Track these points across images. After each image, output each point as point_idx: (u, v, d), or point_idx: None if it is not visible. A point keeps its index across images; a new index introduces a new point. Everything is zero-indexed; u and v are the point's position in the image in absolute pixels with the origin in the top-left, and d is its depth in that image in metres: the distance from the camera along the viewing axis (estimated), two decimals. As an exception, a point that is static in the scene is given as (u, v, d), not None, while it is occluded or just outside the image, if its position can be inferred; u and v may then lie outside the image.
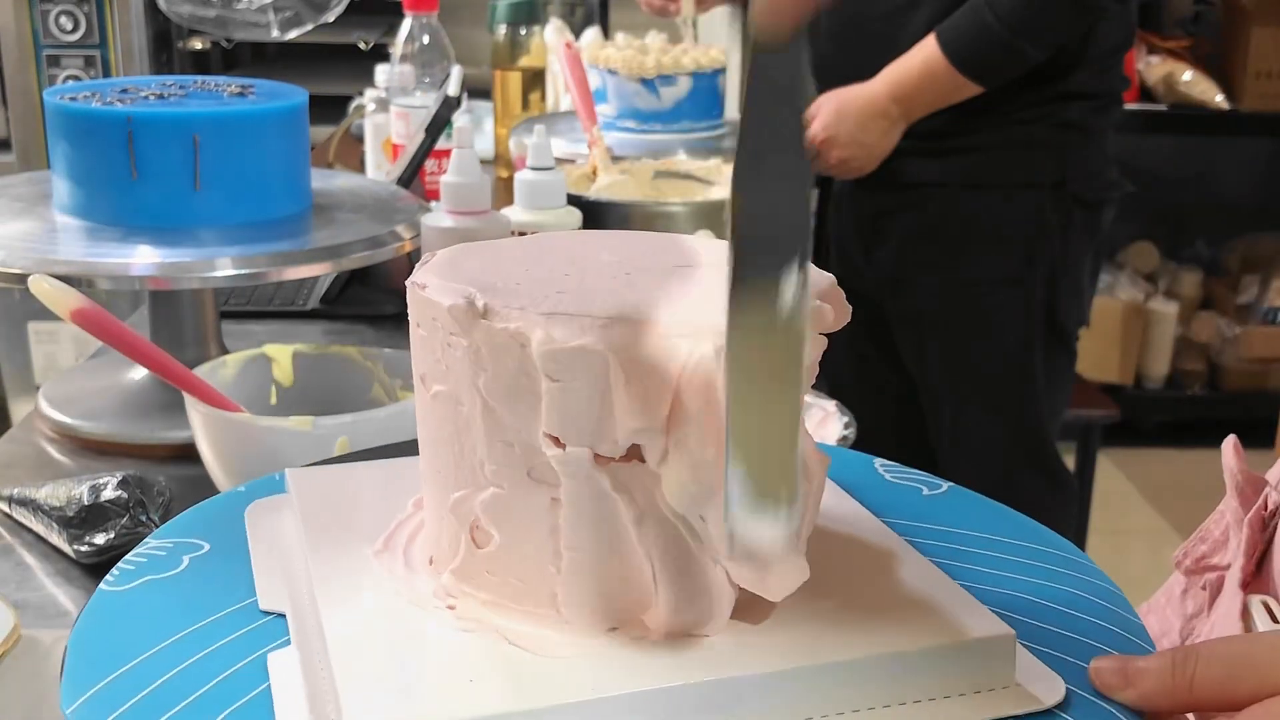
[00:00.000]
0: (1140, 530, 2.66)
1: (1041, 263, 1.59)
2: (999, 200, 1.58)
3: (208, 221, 0.96)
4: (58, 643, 0.67)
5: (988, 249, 1.59)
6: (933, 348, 1.66)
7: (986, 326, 1.62)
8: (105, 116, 0.94)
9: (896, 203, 1.63)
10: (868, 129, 1.55)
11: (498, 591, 0.44)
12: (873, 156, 1.58)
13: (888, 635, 0.42)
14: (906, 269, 1.64)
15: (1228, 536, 0.59)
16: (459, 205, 1.00)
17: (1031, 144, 1.56)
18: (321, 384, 0.84)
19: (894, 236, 1.64)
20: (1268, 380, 3.02)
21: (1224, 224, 3.19)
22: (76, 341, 2.38)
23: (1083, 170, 1.58)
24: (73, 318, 0.72)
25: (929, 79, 1.52)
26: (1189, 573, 0.62)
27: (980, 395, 1.65)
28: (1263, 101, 2.83)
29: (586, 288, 0.43)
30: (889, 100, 1.54)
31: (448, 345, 0.43)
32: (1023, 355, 1.62)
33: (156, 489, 0.77)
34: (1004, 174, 1.57)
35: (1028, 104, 1.55)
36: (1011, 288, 1.59)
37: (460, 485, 0.44)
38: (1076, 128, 1.57)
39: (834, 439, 0.87)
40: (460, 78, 1.22)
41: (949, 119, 1.55)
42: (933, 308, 1.64)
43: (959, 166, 1.58)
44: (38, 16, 2.36)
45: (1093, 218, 1.61)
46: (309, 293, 1.29)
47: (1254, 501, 0.57)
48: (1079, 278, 1.63)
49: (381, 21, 2.54)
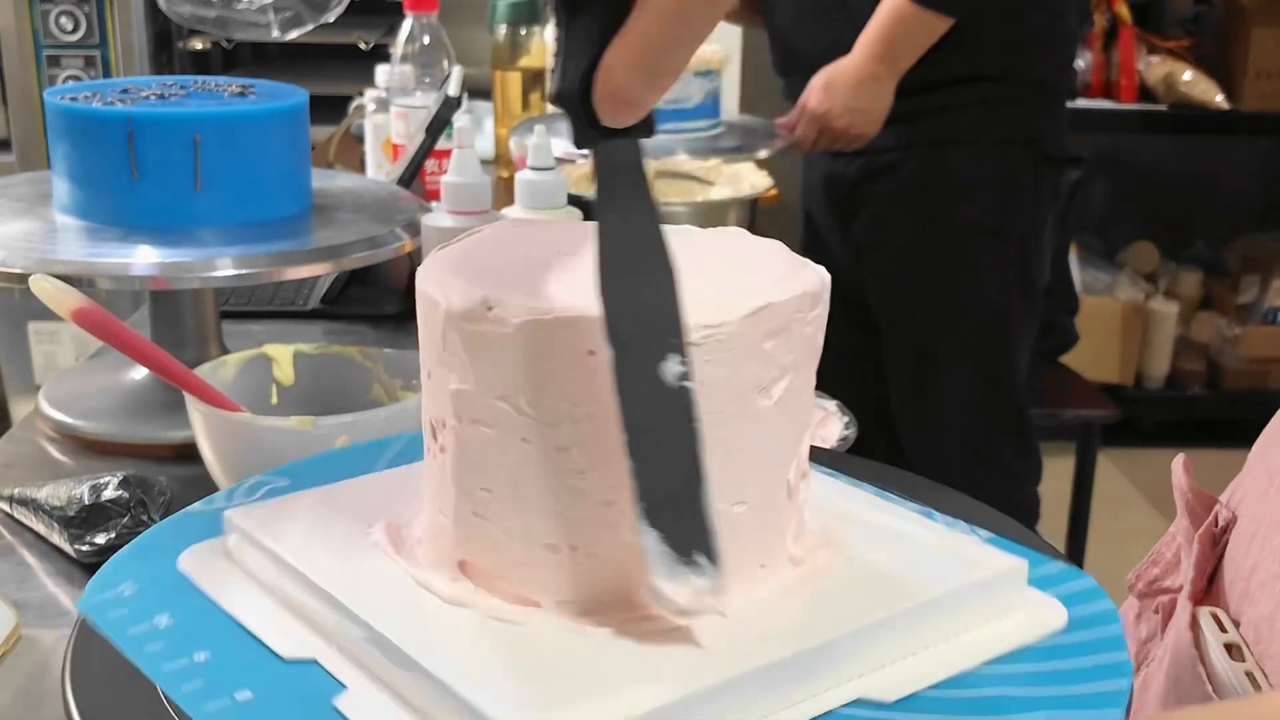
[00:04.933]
0: (1140, 530, 2.66)
1: (1014, 217, 1.65)
2: (973, 156, 1.64)
3: (208, 221, 0.96)
4: (58, 643, 0.67)
5: (965, 200, 1.65)
6: (910, 304, 1.70)
7: (967, 274, 1.68)
8: (105, 116, 0.94)
9: (875, 167, 1.67)
10: (859, 94, 1.60)
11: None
12: (871, 119, 1.62)
13: (915, 587, 0.45)
14: (886, 226, 1.68)
15: (1179, 559, 0.59)
16: (459, 205, 1.00)
17: (1005, 101, 1.63)
18: (321, 384, 0.83)
19: (872, 201, 1.68)
20: (1268, 380, 3.02)
21: (1224, 224, 3.19)
22: (76, 341, 2.38)
23: (1051, 129, 1.66)
24: (73, 318, 0.72)
25: (900, 25, 1.57)
26: (1142, 596, 0.62)
27: (958, 350, 1.70)
28: (1263, 101, 2.83)
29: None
30: (872, 62, 1.59)
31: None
32: (1000, 304, 1.68)
33: (157, 489, 0.77)
34: (978, 131, 1.64)
35: (993, 56, 1.61)
36: (989, 237, 1.65)
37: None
38: (1042, 86, 1.65)
39: (834, 439, 0.87)
40: (460, 78, 1.22)
41: (922, 79, 1.59)
42: (910, 263, 1.69)
43: (933, 127, 1.64)
44: (38, 16, 2.36)
45: (1057, 177, 1.68)
46: (309, 293, 1.29)
47: (1204, 519, 0.57)
48: (1042, 235, 1.69)
49: (381, 21, 2.54)
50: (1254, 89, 2.83)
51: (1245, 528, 0.55)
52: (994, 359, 1.70)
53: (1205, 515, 0.57)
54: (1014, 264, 1.67)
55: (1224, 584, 0.55)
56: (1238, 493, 0.59)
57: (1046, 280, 1.73)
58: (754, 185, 1.35)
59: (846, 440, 0.87)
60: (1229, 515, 0.57)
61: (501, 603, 0.44)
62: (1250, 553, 0.53)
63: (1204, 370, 3.08)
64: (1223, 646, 0.51)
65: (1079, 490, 2.16)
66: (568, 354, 0.42)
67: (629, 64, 0.36)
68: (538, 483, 0.43)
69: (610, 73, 0.36)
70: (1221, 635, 0.52)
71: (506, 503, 0.44)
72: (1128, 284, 3.03)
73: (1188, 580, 0.56)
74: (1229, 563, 0.55)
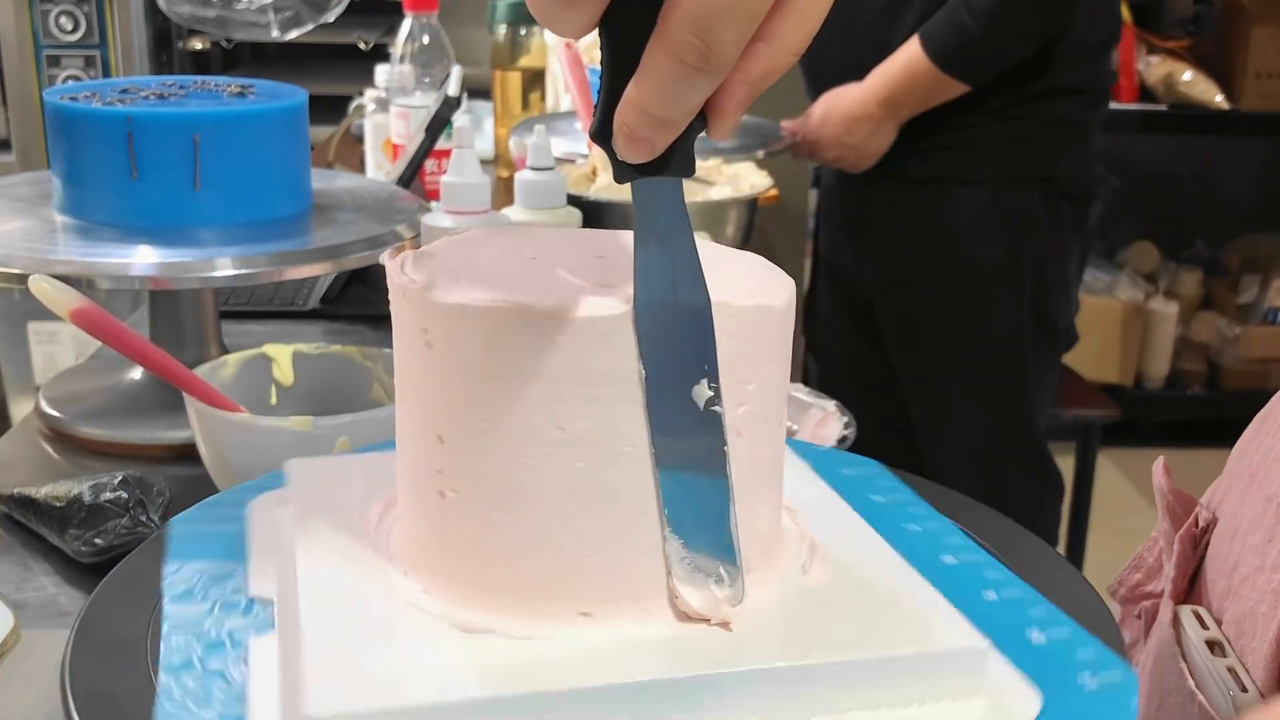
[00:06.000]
0: (1140, 530, 2.64)
1: (1031, 257, 1.60)
2: (988, 195, 1.59)
3: (208, 221, 0.96)
4: (58, 643, 0.67)
5: (978, 243, 1.60)
6: (923, 342, 1.67)
7: (977, 320, 1.63)
8: (105, 116, 0.93)
9: (886, 199, 1.64)
10: (853, 131, 1.57)
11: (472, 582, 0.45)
12: (862, 156, 1.59)
13: (861, 638, 0.43)
14: (896, 264, 1.65)
15: (1161, 563, 0.60)
16: (459, 205, 1.00)
17: (1022, 140, 1.57)
18: (321, 384, 0.84)
19: (883, 233, 1.65)
20: (1268, 380, 3.02)
21: (1224, 224, 3.19)
22: (76, 341, 2.38)
23: (1071, 166, 1.60)
24: (73, 318, 0.72)
25: (913, 79, 1.53)
26: (1124, 601, 0.62)
27: (971, 389, 1.66)
28: (1263, 101, 2.83)
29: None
30: (875, 103, 1.55)
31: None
32: (1013, 350, 1.63)
33: (156, 489, 0.77)
34: (994, 169, 1.59)
35: (1017, 100, 1.56)
36: (1002, 282, 1.60)
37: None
38: (1066, 124, 1.58)
39: (833, 439, 0.87)
40: (460, 78, 1.22)
41: (939, 115, 1.55)
42: (923, 302, 1.65)
43: (949, 162, 1.59)
44: (38, 16, 2.35)
45: (1080, 212, 1.62)
46: (309, 293, 1.29)
47: (1184, 520, 0.57)
48: (1067, 272, 1.64)
49: (381, 21, 2.54)
50: (1254, 89, 2.83)
51: (1226, 526, 0.55)
52: (1008, 401, 1.65)
53: (1185, 517, 0.58)
54: (1030, 305, 1.61)
55: (1206, 583, 0.55)
56: (1218, 493, 0.59)
57: (1073, 316, 1.68)
58: (754, 185, 1.35)
59: (846, 440, 0.86)
60: (1209, 516, 0.57)
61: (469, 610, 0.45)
62: (1232, 550, 0.54)
63: (1204, 370, 3.08)
64: (1204, 643, 0.51)
65: (1079, 490, 2.16)
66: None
67: (635, 107, 0.38)
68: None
69: (622, 113, 0.39)
70: (1203, 632, 0.52)
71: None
72: (1128, 284, 3.03)
73: (1169, 581, 0.56)
74: (1210, 562, 0.56)
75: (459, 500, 0.44)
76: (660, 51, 0.37)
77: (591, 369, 0.42)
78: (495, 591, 0.44)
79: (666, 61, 0.37)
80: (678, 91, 0.37)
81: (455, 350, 0.43)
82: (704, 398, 0.43)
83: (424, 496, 0.45)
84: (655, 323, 0.42)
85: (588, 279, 0.44)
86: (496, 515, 0.44)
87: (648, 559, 0.44)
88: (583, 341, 0.42)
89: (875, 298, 1.69)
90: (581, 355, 0.42)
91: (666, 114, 0.38)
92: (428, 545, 0.46)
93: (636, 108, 0.38)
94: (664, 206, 0.42)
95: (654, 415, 0.42)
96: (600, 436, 0.42)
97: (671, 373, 0.42)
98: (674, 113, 0.38)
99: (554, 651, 0.42)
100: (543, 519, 0.43)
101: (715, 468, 0.43)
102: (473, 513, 0.44)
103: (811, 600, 0.46)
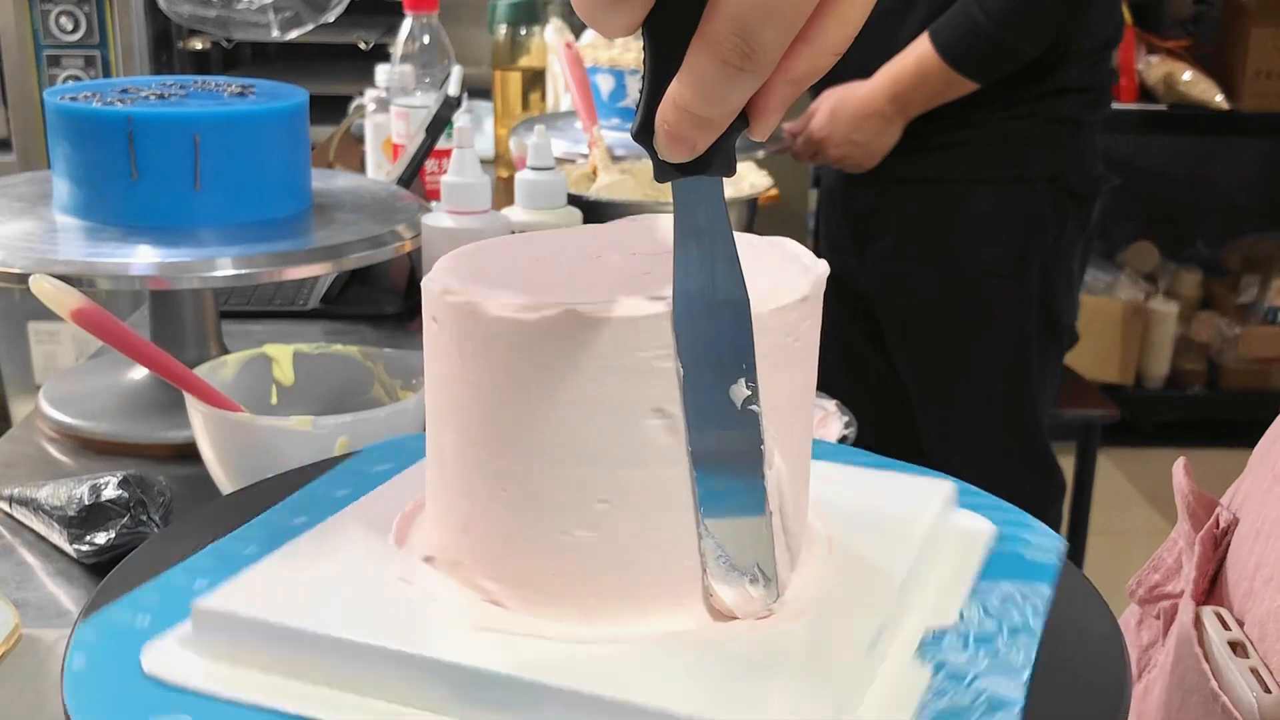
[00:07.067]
0: (1140, 530, 2.66)
1: (1036, 256, 1.60)
2: (993, 195, 1.59)
3: (208, 221, 0.96)
4: (58, 643, 0.67)
5: (983, 243, 1.60)
6: (926, 342, 1.66)
7: (983, 320, 1.63)
8: (105, 116, 0.94)
9: (890, 199, 1.64)
10: (861, 129, 1.57)
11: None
12: (870, 154, 1.59)
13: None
14: (901, 264, 1.65)
15: (1181, 564, 0.60)
16: (459, 205, 1.00)
17: (1026, 139, 1.58)
18: (321, 384, 0.84)
19: (888, 233, 1.65)
20: (1268, 380, 3.02)
21: (1224, 224, 3.19)
22: (76, 341, 2.38)
23: (1075, 164, 1.60)
24: (73, 317, 0.72)
25: (922, 77, 1.53)
26: (1143, 602, 0.62)
27: (975, 389, 1.66)
28: (1263, 101, 2.83)
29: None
30: (884, 100, 1.55)
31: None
32: (1019, 348, 1.63)
33: (156, 489, 0.77)
34: (998, 169, 1.59)
35: (1021, 99, 1.56)
36: (1007, 281, 1.60)
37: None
38: (1070, 123, 1.59)
39: (833, 439, 0.87)
40: (460, 78, 1.22)
41: (941, 115, 1.55)
42: (928, 302, 1.64)
43: (953, 162, 1.59)
44: (38, 16, 2.36)
45: (1084, 211, 1.63)
46: (309, 293, 1.29)
47: (1205, 521, 0.57)
48: (1071, 270, 1.65)
49: (381, 21, 2.54)
50: (1253, 89, 2.83)
51: (1248, 528, 0.55)
52: (1012, 401, 1.65)
53: (1206, 518, 0.57)
54: (1036, 305, 1.61)
55: (1227, 584, 0.55)
56: (1239, 494, 0.59)
57: (1074, 315, 1.68)
58: (754, 185, 1.35)
59: (846, 440, 0.86)
60: (1230, 517, 0.57)
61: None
62: (1254, 552, 0.54)
63: (1204, 370, 3.08)
64: (1227, 644, 0.51)
65: (1079, 490, 2.15)
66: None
67: (677, 106, 0.38)
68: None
69: (663, 113, 0.39)
70: (1226, 633, 0.52)
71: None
72: (1128, 284, 3.03)
73: (1189, 582, 0.56)
74: (1232, 563, 0.56)
75: (496, 501, 0.44)
76: (703, 51, 0.37)
77: (630, 366, 0.42)
78: (521, 588, 0.44)
79: (709, 61, 0.37)
80: (720, 91, 0.38)
81: (492, 358, 0.43)
82: (741, 396, 0.43)
83: (460, 497, 0.45)
84: (694, 321, 0.42)
85: (623, 278, 0.44)
86: (533, 515, 0.43)
87: (684, 557, 0.44)
88: (622, 340, 0.42)
89: (877, 297, 1.69)
90: (621, 353, 0.42)
91: (708, 113, 0.38)
92: (459, 539, 0.46)
93: (678, 107, 0.38)
94: (704, 205, 0.42)
95: (691, 413, 0.43)
96: (637, 435, 0.42)
97: (709, 371, 0.42)
98: (715, 112, 0.38)
99: (553, 648, 0.42)
100: (579, 516, 0.43)
101: (752, 467, 0.44)
102: (510, 512, 0.44)
103: (836, 596, 0.46)
